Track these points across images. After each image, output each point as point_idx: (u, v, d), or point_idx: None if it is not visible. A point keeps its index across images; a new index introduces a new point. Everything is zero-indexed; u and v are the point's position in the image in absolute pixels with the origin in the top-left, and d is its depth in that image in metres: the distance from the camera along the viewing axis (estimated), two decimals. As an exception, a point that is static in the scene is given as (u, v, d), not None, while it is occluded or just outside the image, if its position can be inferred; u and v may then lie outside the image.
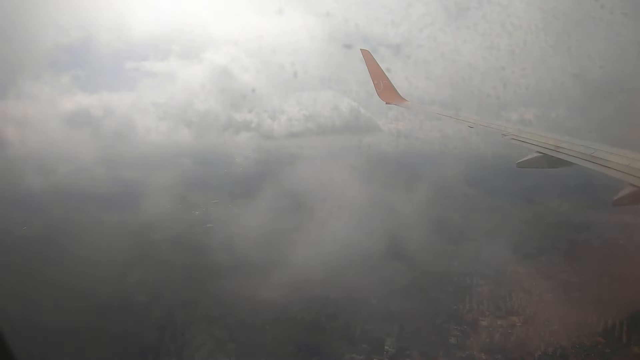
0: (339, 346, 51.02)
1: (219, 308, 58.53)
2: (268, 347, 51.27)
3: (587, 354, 49.05)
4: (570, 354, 49.37)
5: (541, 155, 10.24)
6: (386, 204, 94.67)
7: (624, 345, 50.46)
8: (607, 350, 49.44)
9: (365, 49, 21.20)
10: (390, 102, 20.97)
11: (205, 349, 50.10)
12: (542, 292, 62.89)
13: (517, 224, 77.46)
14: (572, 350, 50.30)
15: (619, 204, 7.62)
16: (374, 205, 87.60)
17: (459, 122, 16.04)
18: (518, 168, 11.02)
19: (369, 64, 20.73)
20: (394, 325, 54.06)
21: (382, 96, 20.93)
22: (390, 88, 20.99)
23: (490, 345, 50.23)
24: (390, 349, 50.02)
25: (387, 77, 20.93)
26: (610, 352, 49.07)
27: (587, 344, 51.46)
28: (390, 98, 20.88)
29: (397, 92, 21.04)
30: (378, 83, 20.88)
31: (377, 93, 20.95)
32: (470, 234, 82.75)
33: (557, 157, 9.76)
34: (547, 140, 10.82)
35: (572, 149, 9.80)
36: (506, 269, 69.07)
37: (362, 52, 20.93)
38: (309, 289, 64.01)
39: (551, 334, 53.22)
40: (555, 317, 57.63)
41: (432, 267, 70.63)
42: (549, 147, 10.36)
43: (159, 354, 49.09)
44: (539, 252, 69.94)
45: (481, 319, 56.48)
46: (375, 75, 20.89)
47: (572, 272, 64.41)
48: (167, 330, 52.52)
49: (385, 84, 20.90)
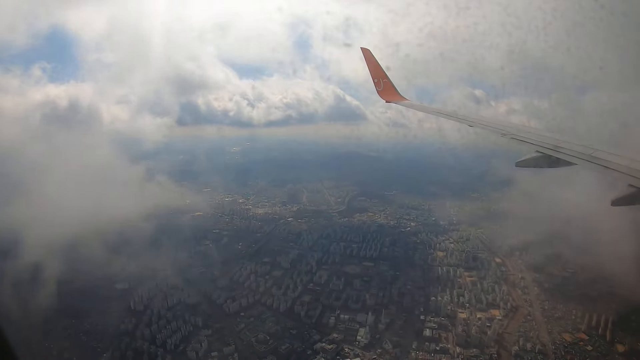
0: (310, 335, 50.59)
1: (196, 296, 59.04)
2: (241, 334, 51.30)
3: (567, 351, 47.18)
4: (549, 350, 47.77)
5: (540, 155, 10.06)
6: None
7: (607, 342, 48.49)
8: (588, 347, 47.37)
9: (365, 48, 20.69)
10: (390, 100, 20.59)
11: (179, 334, 50.48)
12: (528, 285, 60.75)
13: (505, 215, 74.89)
14: (552, 346, 48.59)
15: (617, 204, 7.39)
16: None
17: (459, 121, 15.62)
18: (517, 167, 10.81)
19: (369, 62, 20.18)
20: (370, 316, 53.19)
21: (382, 95, 20.57)
22: (390, 87, 20.65)
23: (466, 339, 48.83)
24: (362, 339, 49.26)
25: (387, 76, 20.44)
26: (592, 349, 47.04)
27: (568, 340, 49.41)
28: (391, 96, 20.51)
29: (397, 91, 20.73)
30: (378, 82, 20.49)
31: (377, 92, 20.61)
32: (458, 225, 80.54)
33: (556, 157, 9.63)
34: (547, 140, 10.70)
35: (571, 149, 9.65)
36: (492, 261, 67.13)
37: (362, 50, 20.32)
38: (281, 277, 63.94)
39: (532, 329, 51.34)
40: (539, 311, 55.70)
41: (415, 258, 69.24)
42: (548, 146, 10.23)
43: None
44: (527, 244, 67.28)
45: (460, 312, 55.03)
46: (376, 74, 20.41)
47: (561, 265, 61.88)
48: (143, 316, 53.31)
49: (386, 83, 20.44)
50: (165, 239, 74.69)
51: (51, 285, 56.51)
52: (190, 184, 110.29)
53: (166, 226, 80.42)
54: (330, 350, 47.53)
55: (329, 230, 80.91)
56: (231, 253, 71.93)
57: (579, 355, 46.50)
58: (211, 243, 75.11)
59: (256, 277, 63.48)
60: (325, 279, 63.34)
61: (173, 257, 69.59)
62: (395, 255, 70.72)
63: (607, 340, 47.86)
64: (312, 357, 46.85)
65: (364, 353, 47.65)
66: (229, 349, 48.31)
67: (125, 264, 65.39)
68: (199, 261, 69.40)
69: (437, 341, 49.16)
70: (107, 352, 47.83)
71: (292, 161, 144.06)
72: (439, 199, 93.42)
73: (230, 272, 65.30)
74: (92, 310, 54.47)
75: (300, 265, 67.56)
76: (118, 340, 49.56)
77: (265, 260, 69.10)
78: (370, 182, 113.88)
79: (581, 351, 47.12)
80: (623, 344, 47.12)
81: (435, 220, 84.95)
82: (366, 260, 69.93)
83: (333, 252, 72.25)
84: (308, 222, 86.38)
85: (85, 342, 50.00)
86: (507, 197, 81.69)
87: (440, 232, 79.03)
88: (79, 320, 52.87)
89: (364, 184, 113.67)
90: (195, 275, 64.50)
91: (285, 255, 70.58)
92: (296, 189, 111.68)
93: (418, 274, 64.71)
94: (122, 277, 62.37)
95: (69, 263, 61.41)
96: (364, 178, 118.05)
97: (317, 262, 68.41)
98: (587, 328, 50.07)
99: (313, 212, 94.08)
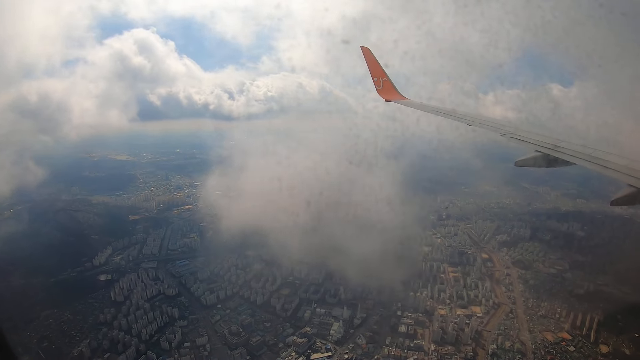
0: (284, 328, 50.22)
1: (176, 287, 59.39)
2: (215, 325, 51.36)
3: (548, 351, 45.26)
4: (528, 349, 45.94)
5: (540, 154, 9.97)
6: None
7: (591, 343, 46.24)
8: (570, 347, 45.30)
9: (365, 46, 20.27)
10: (389, 99, 20.36)
11: (155, 325, 50.91)
12: (513, 282, 58.51)
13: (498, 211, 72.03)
14: (532, 345, 46.73)
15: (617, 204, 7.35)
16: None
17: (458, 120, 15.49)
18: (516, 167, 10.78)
19: (369, 61, 19.97)
20: (346, 310, 52.41)
21: (382, 93, 20.38)
22: (390, 85, 20.47)
23: (442, 336, 47.49)
24: (335, 334, 48.61)
25: (386, 74, 20.29)
26: (575, 350, 44.95)
27: (550, 340, 47.35)
28: (390, 95, 20.38)
29: (397, 90, 20.48)
30: (378, 80, 20.32)
31: (377, 90, 20.42)
32: (448, 220, 78.03)
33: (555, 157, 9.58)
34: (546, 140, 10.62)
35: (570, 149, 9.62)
36: (479, 256, 64.76)
37: (362, 49, 20.16)
38: (262, 270, 63.59)
39: (512, 327, 49.41)
40: (522, 309, 53.58)
41: (399, 251, 67.60)
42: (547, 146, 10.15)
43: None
44: (517, 240, 64.73)
45: (440, 308, 53.59)
46: (375, 73, 20.21)
47: (550, 263, 59.31)
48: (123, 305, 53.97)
49: (385, 82, 20.31)
50: (151, 231, 75.56)
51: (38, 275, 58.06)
52: (185, 178, 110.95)
53: (154, 219, 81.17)
54: (302, 344, 47.12)
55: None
56: (214, 246, 72.00)
57: (560, 355, 44.56)
58: (197, 236, 75.36)
59: (237, 270, 63.51)
60: (305, 273, 62.79)
61: (158, 250, 70.36)
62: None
63: (591, 341, 45.69)
64: (283, 350, 46.60)
65: (336, 347, 47.07)
66: (202, 339, 48.59)
67: (109, 257, 66.39)
68: (183, 254, 69.85)
69: (412, 337, 48.07)
70: (84, 341, 48.75)
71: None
72: (430, 193, 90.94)
73: (212, 265, 65.46)
74: (74, 300, 55.66)
75: (283, 258, 67.05)
76: (96, 330, 50.49)
77: (248, 254, 68.95)
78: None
79: (562, 351, 45.15)
80: (608, 344, 44.86)
81: (424, 214, 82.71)
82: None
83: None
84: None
85: (65, 330, 51.07)
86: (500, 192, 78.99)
87: (429, 226, 76.98)
88: (61, 310, 54.03)
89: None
90: (177, 268, 64.99)
91: (268, 248, 70.15)
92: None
93: (400, 268, 63.21)
94: (105, 269, 63.40)
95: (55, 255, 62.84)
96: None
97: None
98: (571, 327, 47.91)
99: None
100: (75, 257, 64.20)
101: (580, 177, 62.91)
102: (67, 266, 62.39)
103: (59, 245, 66.47)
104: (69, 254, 65.58)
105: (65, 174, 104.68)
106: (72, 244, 69.40)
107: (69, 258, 64.60)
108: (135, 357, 45.89)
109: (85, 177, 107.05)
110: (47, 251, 63.66)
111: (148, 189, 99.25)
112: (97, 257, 64.51)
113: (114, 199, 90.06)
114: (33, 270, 58.74)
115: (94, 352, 46.94)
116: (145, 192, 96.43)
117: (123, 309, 53.91)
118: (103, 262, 64.64)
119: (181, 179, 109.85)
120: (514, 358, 44.69)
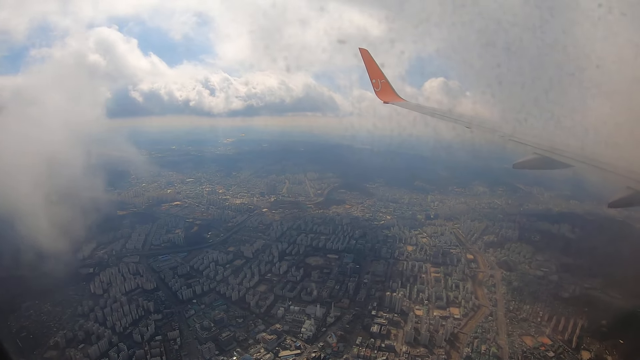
0: (255, 324, 49.74)
1: (155, 282, 59.73)
2: (189, 320, 51.40)
3: (525, 356, 43.13)
4: (505, 353, 43.89)
5: (538, 157, 9.95)
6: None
7: (572, 349, 43.76)
8: (550, 353, 43.05)
9: (364, 48, 20.42)
10: (387, 101, 20.44)
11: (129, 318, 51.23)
12: (496, 284, 56.20)
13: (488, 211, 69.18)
14: (509, 349, 44.66)
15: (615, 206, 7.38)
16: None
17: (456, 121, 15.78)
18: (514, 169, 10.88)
19: (367, 63, 20.09)
20: (320, 308, 51.51)
21: (380, 95, 20.46)
22: (388, 87, 20.59)
23: (416, 337, 46.02)
24: (306, 331, 47.77)
25: (385, 76, 20.63)
26: (554, 355, 42.69)
27: (529, 345, 45.09)
28: (388, 97, 20.57)
29: (395, 91, 20.58)
30: (376, 82, 20.57)
31: (375, 92, 20.66)
32: (435, 219, 75.67)
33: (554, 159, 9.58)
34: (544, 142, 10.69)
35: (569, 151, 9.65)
36: (463, 257, 62.42)
37: (360, 51, 20.19)
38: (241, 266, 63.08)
39: (490, 330, 47.46)
40: (502, 311, 51.30)
41: (382, 251, 66.04)
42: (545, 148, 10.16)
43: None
44: (504, 240, 62.23)
45: (417, 308, 52.01)
46: (374, 74, 20.51)
47: (536, 265, 56.68)
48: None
49: (384, 83, 20.55)
50: (137, 227, 76.44)
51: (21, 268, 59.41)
52: (177, 174, 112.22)
53: (142, 215, 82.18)
54: (271, 341, 46.49)
55: (300, 221, 79.36)
56: (198, 242, 72.34)
57: (538, 360, 42.47)
58: (181, 232, 75.84)
59: (216, 266, 63.40)
60: (284, 270, 62.21)
61: (141, 245, 71.11)
62: (361, 249, 68.19)
63: (572, 347, 43.41)
64: (253, 346, 46.10)
65: (306, 345, 46.23)
66: (173, 333, 48.56)
67: (93, 250, 67.47)
68: (165, 249, 70.35)
69: (385, 338, 46.77)
70: (60, 332, 49.55)
71: (283, 153, 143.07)
72: (421, 192, 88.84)
73: (192, 260, 65.69)
74: (56, 293, 56.72)
75: (263, 255, 66.76)
76: (73, 321, 51.28)
77: (229, 250, 68.92)
78: (354, 175, 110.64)
79: (541, 356, 43.03)
80: (590, 351, 42.53)
81: (412, 214, 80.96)
82: (331, 252, 67.98)
83: (299, 243, 70.79)
84: (282, 213, 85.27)
85: (44, 321, 51.99)
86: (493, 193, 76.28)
87: (415, 226, 75.19)
88: (42, 302, 55.09)
89: (348, 176, 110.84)
90: (158, 263, 65.41)
91: (250, 245, 70.01)
92: (278, 180, 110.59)
93: (381, 268, 61.93)
94: (88, 262, 64.40)
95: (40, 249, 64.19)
96: (349, 170, 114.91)
97: (280, 253, 67.35)
98: (553, 332, 45.70)
99: (289, 203, 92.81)
100: (59, 251, 65.39)
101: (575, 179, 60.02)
102: (52, 259, 63.61)
103: (45, 239, 67.87)
104: (54, 248, 66.92)
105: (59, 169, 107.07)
106: (56, 237, 70.68)
107: (53, 252, 65.91)
108: (108, 349, 46.29)
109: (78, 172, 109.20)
110: (30, 245, 65.06)
111: (139, 184, 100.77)
112: (81, 251, 65.63)
113: (104, 194, 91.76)
114: (17, 264, 60.16)
115: (69, 342, 47.52)
116: (135, 188, 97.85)
117: (101, 301, 54.48)
118: (87, 256, 65.68)
119: (173, 175, 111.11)
120: (488, 362, 42.78)
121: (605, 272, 48.10)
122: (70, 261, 63.55)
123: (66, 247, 65.86)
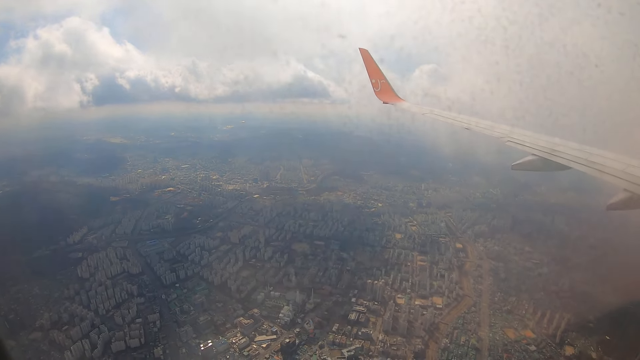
0: (235, 309, 49.80)
1: (140, 266, 60.35)
2: (170, 304, 51.89)
3: (506, 349, 41.76)
4: (484, 345, 42.61)
5: (537, 158, 10.02)
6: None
7: (556, 344, 42.02)
8: (531, 347, 41.55)
9: (364, 48, 19.93)
10: (387, 101, 20.29)
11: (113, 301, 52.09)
12: (483, 274, 54.30)
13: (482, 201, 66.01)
14: (489, 342, 43.34)
15: (612, 209, 7.32)
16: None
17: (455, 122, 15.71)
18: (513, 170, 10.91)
19: (367, 63, 19.83)
20: (299, 294, 51.10)
21: (380, 95, 20.37)
22: (388, 87, 20.36)
23: (394, 326, 45.13)
24: (284, 317, 47.57)
25: (384, 76, 20.36)
26: (536, 349, 41.15)
27: (510, 337, 43.61)
28: (388, 97, 20.36)
29: (395, 92, 20.32)
30: (376, 82, 20.31)
31: (375, 92, 20.44)
32: (427, 207, 73.18)
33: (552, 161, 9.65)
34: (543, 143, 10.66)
35: (567, 152, 9.64)
36: (452, 246, 60.56)
37: (360, 51, 19.76)
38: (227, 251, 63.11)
39: (472, 321, 46.10)
40: (486, 302, 49.68)
41: (369, 239, 64.71)
42: (544, 150, 10.19)
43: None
44: (495, 231, 59.65)
45: (399, 297, 50.94)
46: (373, 74, 20.20)
47: (526, 256, 54.22)
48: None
49: (383, 84, 20.33)
50: (129, 212, 77.07)
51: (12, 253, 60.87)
52: (173, 161, 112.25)
53: (134, 201, 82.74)
54: (247, 325, 46.55)
55: (289, 207, 78.41)
56: (186, 227, 72.50)
57: (518, 354, 41.04)
58: (171, 217, 76.11)
59: (202, 251, 63.50)
60: (269, 256, 61.83)
61: (131, 230, 71.75)
62: (349, 236, 66.90)
63: (556, 341, 41.65)
64: (230, 330, 46.31)
65: (282, 331, 46.11)
66: (153, 316, 49.17)
67: (84, 236, 68.45)
68: (154, 234, 70.83)
69: (362, 325, 46.11)
70: (46, 314, 50.97)
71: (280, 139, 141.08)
72: (417, 181, 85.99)
73: (179, 245, 65.97)
74: (45, 277, 58.10)
75: (250, 241, 66.44)
76: (59, 304, 52.60)
77: (217, 235, 68.80)
78: (349, 162, 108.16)
79: (522, 350, 41.54)
80: (574, 346, 40.71)
81: (404, 201, 78.68)
82: (318, 239, 67.06)
83: (287, 229, 70.11)
84: (273, 199, 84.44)
85: (32, 304, 53.51)
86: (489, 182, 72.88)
87: (407, 214, 73.10)
88: (31, 285, 56.58)
89: (343, 163, 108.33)
90: (145, 247, 65.99)
91: (238, 230, 69.74)
92: (273, 167, 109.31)
93: (366, 255, 60.76)
94: (78, 247, 65.42)
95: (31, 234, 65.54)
96: (345, 157, 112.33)
97: (266, 239, 66.86)
98: (537, 325, 43.92)
99: (281, 189, 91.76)
100: (51, 236, 66.58)
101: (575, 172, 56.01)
102: (42, 244, 64.89)
103: (37, 224, 69.06)
104: (46, 233, 68.11)
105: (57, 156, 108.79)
106: (49, 223, 71.86)
107: (45, 237, 67.08)
108: (89, 330, 47.36)
109: (76, 159, 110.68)
110: (24, 231, 66.39)
111: (135, 171, 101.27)
112: (72, 236, 66.66)
113: (99, 180, 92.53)
114: (8, 249, 61.55)
115: (53, 324, 48.78)
116: (130, 174, 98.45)
117: (86, 285, 55.60)
118: (77, 241, 66.61)
119: (170, 161, 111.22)
120: (467, 354, 41.70)
121: (597, 267, 45.39)
122: (61, 246, 65.08)
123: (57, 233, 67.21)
